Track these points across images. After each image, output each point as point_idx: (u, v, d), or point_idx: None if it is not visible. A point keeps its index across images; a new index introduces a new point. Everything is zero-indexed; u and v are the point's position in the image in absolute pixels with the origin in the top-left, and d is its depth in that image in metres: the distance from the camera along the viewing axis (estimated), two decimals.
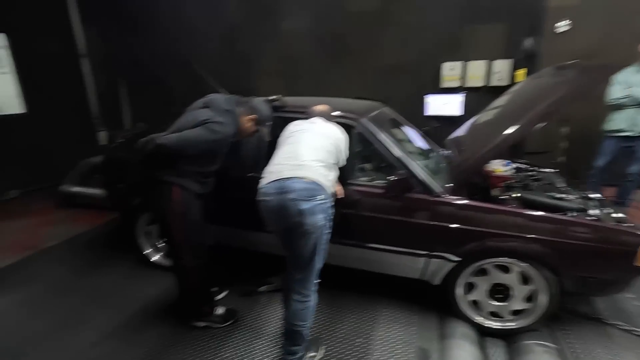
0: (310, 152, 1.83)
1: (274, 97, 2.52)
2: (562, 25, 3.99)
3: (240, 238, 2.67)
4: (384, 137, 2.32)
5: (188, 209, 2.02)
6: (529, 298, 2.16)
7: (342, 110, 2.41)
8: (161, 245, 2.91)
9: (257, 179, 1.85)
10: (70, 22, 5.30)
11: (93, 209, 4.38)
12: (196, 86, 6.27)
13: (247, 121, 2.17)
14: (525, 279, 2.12)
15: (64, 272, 3.00)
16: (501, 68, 4.58)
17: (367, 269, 2.46)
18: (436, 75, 4.93)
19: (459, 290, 2.25)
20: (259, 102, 2.28)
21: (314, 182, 1.71)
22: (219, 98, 2.16)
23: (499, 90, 4.72)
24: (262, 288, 2.61)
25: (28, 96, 5.04)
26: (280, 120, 2.42)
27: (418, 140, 2.85)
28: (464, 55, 4.77)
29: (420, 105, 5.04)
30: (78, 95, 5.73)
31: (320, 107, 2.22)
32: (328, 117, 2.20)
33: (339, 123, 2.22)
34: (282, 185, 1.69)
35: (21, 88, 4.98)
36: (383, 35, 5.04)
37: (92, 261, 3.16)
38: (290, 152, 1.85)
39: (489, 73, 4.67)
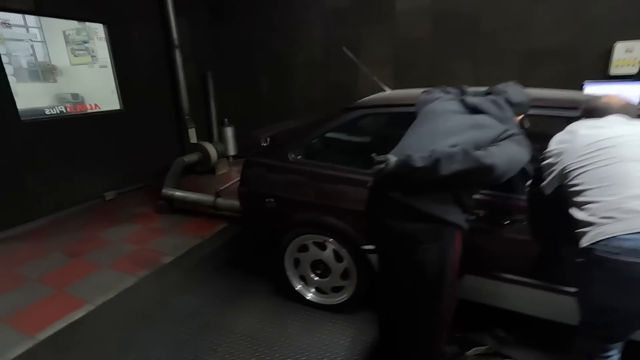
0: None
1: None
2: None
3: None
4: None
5: (461, 263, 1.35)
6: None
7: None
8: (317, 279, 2.29)
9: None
10: (167, 11, 4.91)
11: (195, 215, 3.96)
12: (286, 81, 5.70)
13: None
14: None
15: (195, 301, 2.49)
16: None
17: None
18: (603, 59, 3.91)
19: None
20: (518, 92, 1.56)
21: None
22: (485, 98, 1.48)
23: None
24: (470, 352, 1.90)
25: (123, 91, 4.73)
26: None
27: None
28: None
29: None
30: (170, 89, 5.37)
31: (615, 100, 1.44)
32: (631, 113, 1.43)
33: None
34: None
35: (117, 82, 4.67)
36: (530, 12, 4.10)
37: (222, 286, 2.63)
38: None
39: None
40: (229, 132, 6.33)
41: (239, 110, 6.43)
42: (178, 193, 3.98)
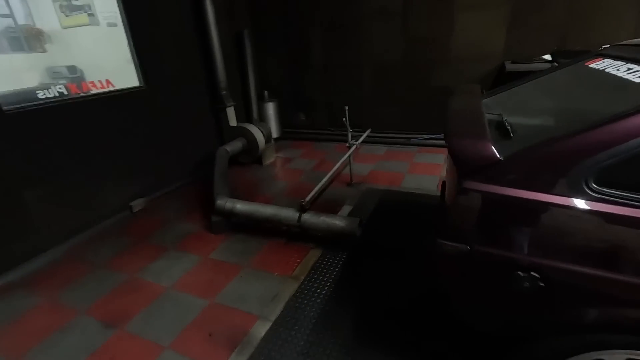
0: None
1: None
2: None
3: None
4: None
5: None
6: None
7: None
8: None
9: None
10: None
11: (264, 234, 2.81)
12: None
13: None
14: None
15: None
16: None
17: None
18: None
19: None
20: None
21: None
22: None
23: None
24: None
25: (142, 60, 3.41)
26: None
27: None
28: None
29: None
30: (200, 55, 4.04)
31: None
32: None
33: None
34: None
35: (133, 47, 3.34)
36: None
37: None
38: None
39: None
40: (271, 108, 5.06)
41: (281, 81, 5.10)
42: (240, 206, 2.80)
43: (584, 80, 1.63)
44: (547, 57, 3.53)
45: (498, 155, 1.12)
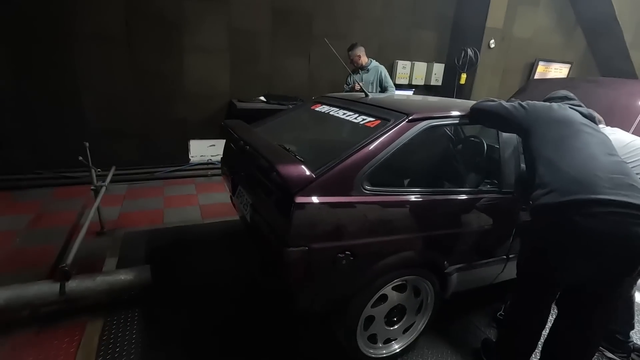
0: None
1: None
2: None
3: None
4: None
5: None
6: None
7: None
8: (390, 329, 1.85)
9: None
10: None
11: None
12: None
13: None
14: None
15: None
16: None
17: None
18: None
19: None
20: None
21: None
22: None
23: None
24: None
25: None
26: None
27: None
28: None
29: None
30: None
31: None
32: None
33: None
34: None
35: None
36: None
37: None
38: None
39: None
40: None
41: None
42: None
43: (321, 119, 2.36)
44: (262, 98, 4.48)
45: (314, 175, 1.51)
